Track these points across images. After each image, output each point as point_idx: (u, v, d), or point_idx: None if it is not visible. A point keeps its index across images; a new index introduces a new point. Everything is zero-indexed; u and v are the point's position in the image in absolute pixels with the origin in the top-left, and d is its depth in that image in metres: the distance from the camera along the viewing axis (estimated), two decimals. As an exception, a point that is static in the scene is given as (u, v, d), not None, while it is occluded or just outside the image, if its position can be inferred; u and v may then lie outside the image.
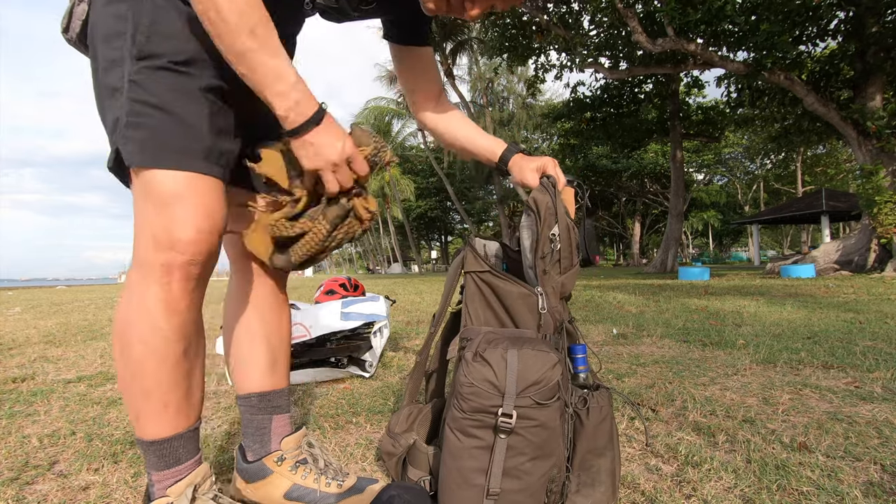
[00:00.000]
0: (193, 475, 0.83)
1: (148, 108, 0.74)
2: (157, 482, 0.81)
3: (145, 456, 0.81)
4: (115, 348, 0.80)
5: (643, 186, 30.88)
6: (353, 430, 1.43)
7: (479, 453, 0.83)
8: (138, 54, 0.74)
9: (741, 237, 44.39)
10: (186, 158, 0.76)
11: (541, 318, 0.92)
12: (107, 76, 0.77)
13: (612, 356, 2.36)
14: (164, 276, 0.76)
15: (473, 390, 0.83)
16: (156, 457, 0.80)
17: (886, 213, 9.07)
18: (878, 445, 1.20)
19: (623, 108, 16.45)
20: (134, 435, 1.37)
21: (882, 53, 9.55)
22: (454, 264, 1.03)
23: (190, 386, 0.82)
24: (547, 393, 0.82)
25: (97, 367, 2.37)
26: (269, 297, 1.02)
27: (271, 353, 1.02)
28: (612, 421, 0.96)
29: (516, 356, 0.83)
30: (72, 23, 0.83)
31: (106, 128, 0.80)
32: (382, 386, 1.91)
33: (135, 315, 0.77)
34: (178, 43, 0.76)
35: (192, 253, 0.76)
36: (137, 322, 0.77)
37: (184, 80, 0.76)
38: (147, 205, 0.76)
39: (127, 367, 0.78)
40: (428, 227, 48.41)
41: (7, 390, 1.93)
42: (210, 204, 0.78)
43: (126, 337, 0.78)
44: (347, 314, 2.10)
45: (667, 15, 9.47)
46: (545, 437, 0.83)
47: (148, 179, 0.75)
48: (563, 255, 0.95)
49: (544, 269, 0.94)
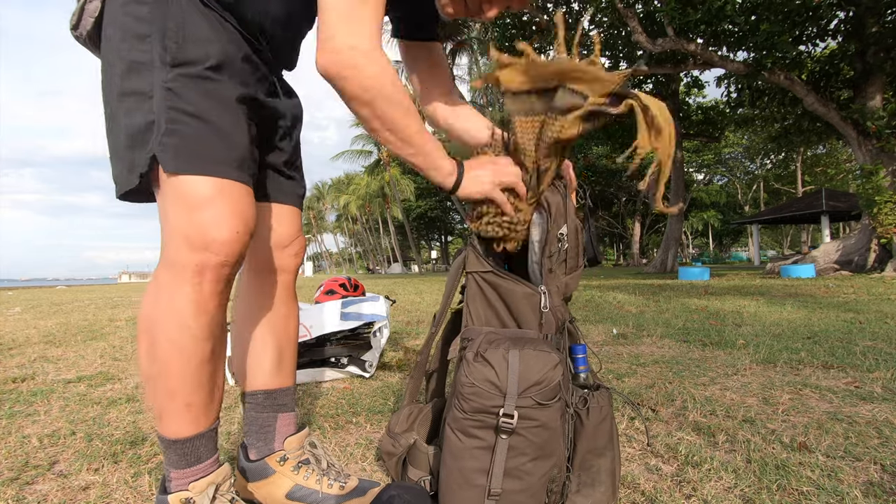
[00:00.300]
0: (216, 475, 0.83)
1: (185, 116, 0.75)
2: (176, 479, 0.81)
3: (166, 454, 0.81)
4: (140, 346, 0.80)
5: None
6: (353, 430, 1.43)
7: (481, 454, 0.83)
8: (172, 61, 0.75)
9: (741, 237, 44.40)
10: (222, 167, 0.78)
11: (542, 318, 0.92)
12: (129, 78, 0.77)
13: (612, 356, 2.36)
14: (196, 276, 0.77)
15: (474, 390, 0.83)
16: (177, 455, 0.80)
17: (886, 213, 9.08)
18: (878, 445, 1.20)
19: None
20: (135, 434, 1.37)
21: (882, 53, 9.55)
22: (455, 264, 1.03)
23: (214, 386, 0.83)
24: (548, 393, 0.82)
25: (97, 367, 2.37)
26: (278, 295, 1.04)
27: (279, 352, 1.03)
28: (612, 421, 0.96)
29: (518, 356, 0.83)
30: (83, 20, 0.83)
31: (116, 126, 0.80)
32: (382, 386, 1.91)
33: (163, 314, 0.78)
34: (208, 48, 0.77)
35: (225, 254, 0.78)
36: (166, 321, 0.77)
37: (217, 88, 0.78)
38: (179, 208, 0.77)
39: (152, 366, 0.79)
40: (428, 227, 48.44)
41: (7, 390, 1.93)
42: (244, 208, 0.81)
43: (153, 335, 0.78)
44: (347, 314, 2.10)
45: (667, 15, 9.47)
46: (546, 438, 0.83)
47: (182, 184, 0.76)
48: (569, 256, 0.96)
49: (550, 267, 0.94)
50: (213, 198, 0.77)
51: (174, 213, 0.77)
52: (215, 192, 0.77)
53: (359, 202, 44.29)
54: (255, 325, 1.02)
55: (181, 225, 0.77)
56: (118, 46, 0.78)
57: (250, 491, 0.99)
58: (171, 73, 0.75)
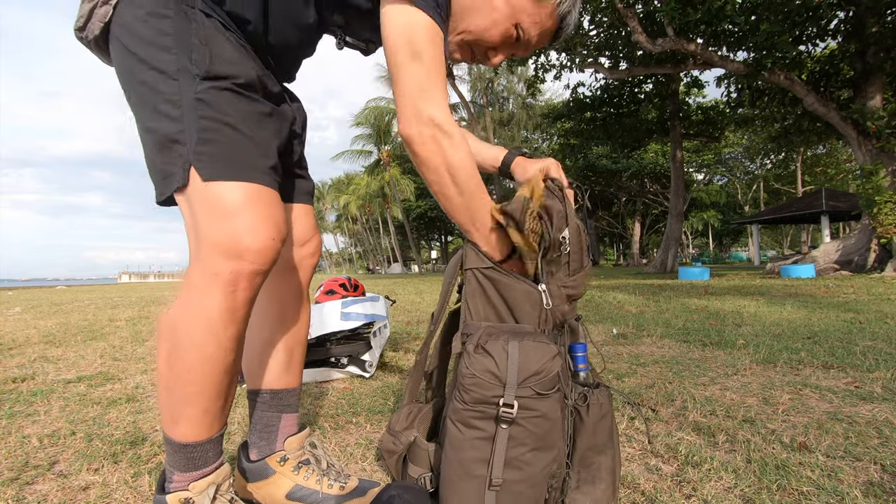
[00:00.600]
0: (216, 475, 0.83)
1: (218, 125, 0.77)
2: (178, 480, 0.81)
3: (173, 456, 0.80)
4: (161, 350, 0.80)
5: (643, 186, 30.89)
6: (353, 430, 1.43)
7: (481, 444, 0.84)
8: (204, 74, 0.77)
9: (741, 237, 44.40)
10: (256, 172, 0.80)
11: (542, 315, 0.93)
12: (155, 86, 0.78)
13: (612, 356, 2.36)
14: (230, 284, 0.77)
15: (475, 381, 0.84)
16: (185, 458, 0.80)
17: (886, 213, 9.08)
18: (878, 445, 1.20)
19: (623, 108, 16.46)
20: (135, 434, 1.37)
21: (882, 53, 9.55)
22: (452, 262, 1.04)
23: (230, 393, 0.84)
24: (547, 383, 0.84)
25: (97, 367, 2.37)
26: (294, 296, 1.04)
27: (289, 353, 1.04)
28: (612, 419, 0.96)
29: (517, 347, 0.84)
30: (91, 23, 0.83)
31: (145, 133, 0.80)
32: (382, 386, 1.91)
33: (193, 320, 0.77)
34: (236, 67, 0.80)
35: (260, 262, 0.78)
36: (195, 328, 0.77)
37: (246, 102, 0.81)
38: (212, 215, 0.77)
39: (172, 371, 0.78)
40: (428, 227, 48.43)
41: (7, 390, 1.93)
42: (276, 214, 0.82)
43: (178, 340, 0.78)
44: (347, 314, 2.10)
45: (667, 15, 9.47)
46: (546, 429, 0.84)
47: (216, 191, 0.77)
48: (572, 258, 0.96)
49: (550, 270, 0.95)
50: (247, 204, 0.77)
51: (207, 221, 0.77)
52: (249, 198, 0.78)
53: (359, 202, 44.29)
54: (268, 325, 1.02)
55: (214, 233, 0.76)
56: (141, 54, 0.78)
57: (250, 491, 0.99)
58: (203, 84, 0.77)
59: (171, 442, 0.80)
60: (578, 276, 0.97)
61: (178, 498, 0.80)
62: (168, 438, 0.81)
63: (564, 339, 0.98)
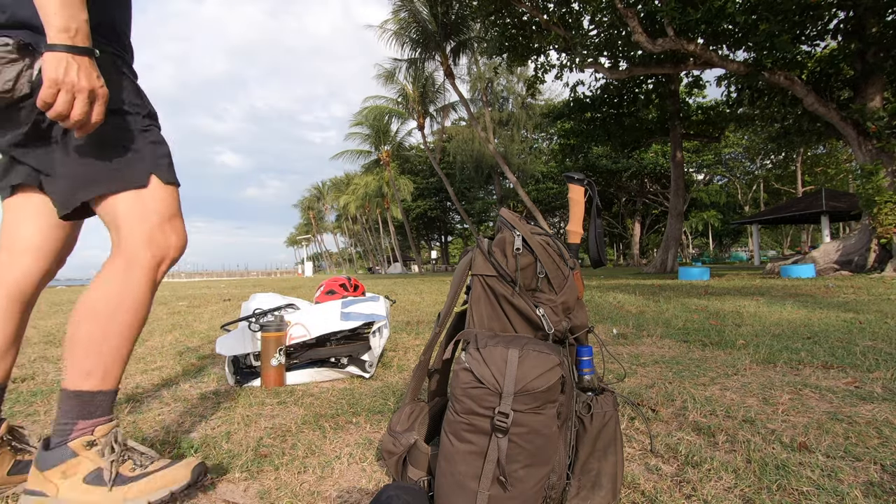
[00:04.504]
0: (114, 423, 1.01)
1: (161, 145, 1.07)
2: (81, 427, 0.95)
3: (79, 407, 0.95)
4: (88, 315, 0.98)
5: (643, 186, 30.88)
6: (353, 430, 1.43)
7: (472, 459, 0.83)
8: (148, 114, 1.07)
9: (741, 237, 44.38)
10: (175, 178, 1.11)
11: (544, 326, 0.92)
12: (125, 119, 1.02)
13: (612, 356, 2.36)
14: (156, 265, 1.03)
15: (467, 392, 0.83)
16: (93, 406, 0.97)
17: (886, 213, 9.07)
18: (878, 445, 1.20)
19: (623, 108, 16.44)
20: (134, 434, 1.36)
21: (882, 53, 9.55)
22: (462, 264, 1.03)
23: None
24: (544, 396, 0.82)
25: (97, 366, 2.37)
26: None
27: None
28: (616, 424, 0.95)
29: (516, 356, 0.83)
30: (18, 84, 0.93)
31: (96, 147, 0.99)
32: (382, 386, 1.91)
33: (124, 290, 1.00)
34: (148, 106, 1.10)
35: (181, 251, 1.09)
36: (128, 296, 1.00)
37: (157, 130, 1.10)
38: (153, 213, 1.03)
39: (106, 330, 0.98)
40: (428, 227, 48.41)
41: (7, 390, 1.93)
42: None
43: (113, 307, 0.99)
44: (347, 314, 2.10)
45: (667, 15, 9.47)
46: (540, 445, 0.83)
47: (167, 194, 1.05)
48: (550, 275, 0.94)
49: (536, 298, 0.94)
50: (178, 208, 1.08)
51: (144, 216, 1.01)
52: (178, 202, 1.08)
53: (358, 202, 44.26)
54: None
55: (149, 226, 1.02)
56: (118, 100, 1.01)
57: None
58: (147, 121, 1.06)
59: (80, 394, 0.96)
60: (566, 286, 0.96)
61: (82, 442, 0.93)
62: (76, 392, 0.96)
63: (567, 351, 0.97)
